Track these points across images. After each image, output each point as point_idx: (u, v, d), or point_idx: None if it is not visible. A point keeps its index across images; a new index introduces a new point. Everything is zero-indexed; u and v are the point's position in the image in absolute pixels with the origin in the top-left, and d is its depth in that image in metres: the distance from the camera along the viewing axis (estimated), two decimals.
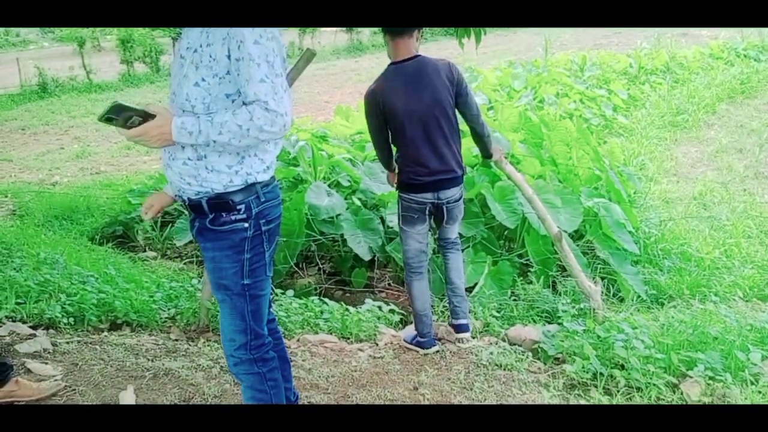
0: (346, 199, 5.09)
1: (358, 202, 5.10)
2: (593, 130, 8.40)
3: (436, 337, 3.54)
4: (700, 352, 3.05)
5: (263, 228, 2.11)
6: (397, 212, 3.43)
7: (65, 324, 3.62)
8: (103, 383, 2.98)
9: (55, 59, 21.18)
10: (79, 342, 3.44)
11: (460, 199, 3.42)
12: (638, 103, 10.73)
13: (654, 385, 2.89)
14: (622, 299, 4.28)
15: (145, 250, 5.78)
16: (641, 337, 3.13)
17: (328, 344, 3.54)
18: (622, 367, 3.03)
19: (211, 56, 1.93)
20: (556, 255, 4.20)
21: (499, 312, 3.98)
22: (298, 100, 13.65)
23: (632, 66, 12.60)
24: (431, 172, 3.23)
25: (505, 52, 19.26)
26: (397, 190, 3.40)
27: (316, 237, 4.90)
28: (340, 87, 16.65)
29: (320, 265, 5.06)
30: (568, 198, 4.67)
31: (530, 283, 4.31)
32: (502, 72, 11.93)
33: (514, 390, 3.01)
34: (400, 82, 3.18)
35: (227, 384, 3.01)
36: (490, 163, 4.14)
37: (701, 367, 2.94)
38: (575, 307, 3.78)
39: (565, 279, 4.29)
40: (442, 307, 3.99)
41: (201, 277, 4.26)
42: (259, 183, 2.08)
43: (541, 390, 2.99)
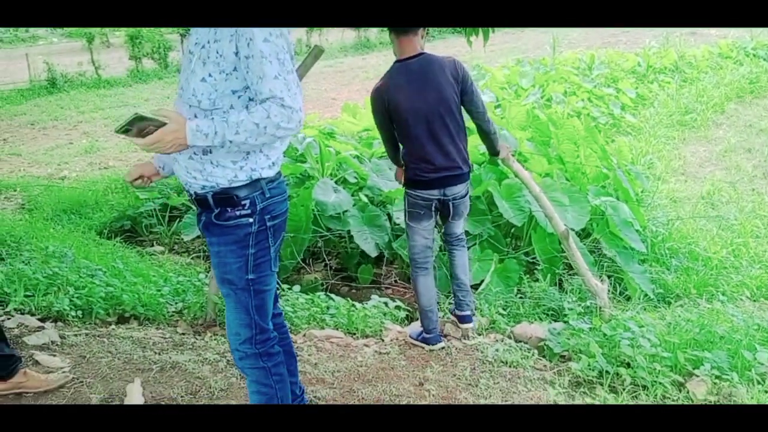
0: (353, 195, 5.10)
1: (365, 199, 5.11)
2: (601, 129, 8.39)
3: (442, 334, 3.55)
4: (707, 351, 3.05)
5: (268, 223, 2.11)
6: (404, 208, 3.45)
7: (73, 317, 3.64)
8: (111, 376, 3.00)
9: (64, 55, 21.25)
10: (86, 335, 3.46)
11: (466, 196, 3.44)
12: (646, 102, 10.69)
13: (660, 384, 2.89)
14: (629, 298, 4.28)
15: (152, 245, 5.81)
16: (648, 335, 3.12)
17: (334, 339, 3.55)
18: (628, 366, 3.03)
19: (218, 52, 1.94)
20: (563, 253, 4.20)
21: (505, 309, 3.99)
22: (306, 97, 13.53)
23: (641, 65, 12.55)
24: (437, 168, 3.25)
25: (513, 50, 19.21)
26: (404, 187, 3.42)
27: (323, 233, 4.91)
28: (348, 84, 16.64)
29: (327, 261, 5.08)
30: (576, 196, 4.67)
31: (536, 280, 4.31)
32: (510, 70, 11.90)
33: (519, 387, 3.01)
34: (405, 79, 3.19)
35: (234, 378, 3.02)
36: (498, 160, 4.14)
37: (708, 366, 2.94)
38: (581, 305, 3.78)
39: (572, 277, 4.29)
40: (448, 304, 3.99)
41: (208, 272, 4.29)
42: (264, 179, 2.08)
43: (547, 387, 2.99)
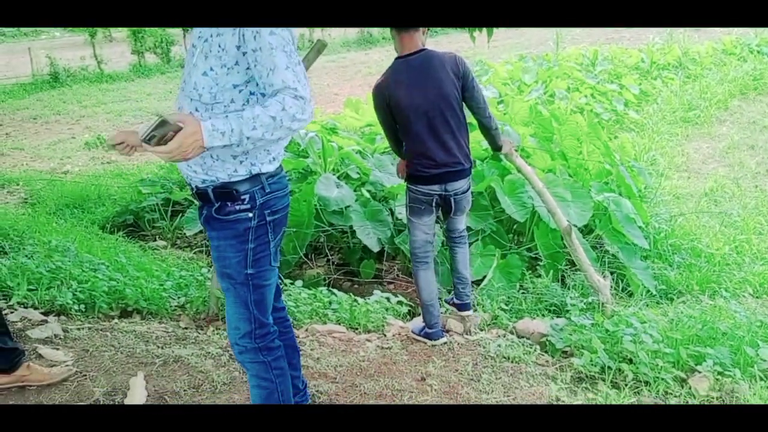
0: (355, 190, 5.10)
1: (367, 194, 5.11)
2: (604, 125, 8.38)
3: (444, 329, 3.55)
4: (709, 348, 3.05)
5: (268, 218, 2.10)
6: (405, 203, 3.47)
7: (76, 311, 3.65)
8: (114, 369, 3.01)
9: (66, 49, 21.26)
10: (89, 328, 3.46)
11: (467, 191, 3.45)
12: (650, 99, 10.67)
13: (662, 380, 2.89)
14: (631, 294, 4.28)
15: (155, 240, 5.81)
16: (650, 331, 3.12)
17: (336, 334, 3.55)
18: (630, 361, 3.03)
19: (220, 46, 1.93)
20: (565, 249, 4.20)
21: (507, 305, 3.99)
22: None
23: (644, 61, 12.53)
24: (438, 164, 3.26)
25: (516, 46, 19.18)
26: (405, 182, 3.43)
27: (326, 228, 4.91)
28: (350, 79, 16.63)
29: (329, 256, 5.08)
30: (578, 192, 4.67)
31: (539, 276, 4.31)
32: (513, 66, 11.89)
33: (521, 382, 3.01)
34: (406, 76, 3.20)
35: (236, 372, 3.03)
36: (500, 156, 4.14)
37: (710, 363, 2.94)
38: (584, 301, 3.78)
39: (574, 273, 4.29)
40: (448, 293, 4.00)
41: (210, 267, 4.29)
42: (265, 174, 2.07)
43: (549, 383, 2.99)
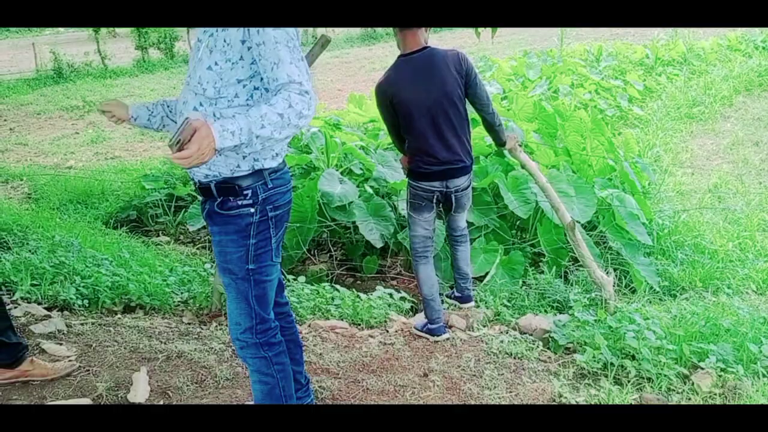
0: (358, 186, 5.09)
1: (371, 190, 5.11)
2: (608, 121, 8.36)
3: (447, 325, 3.55)
4: (712, 344, 3.05)
5: (270, 214, 2.11)
6: (406, 199, 3.50)
7: (80, 306, 3.66)
8: (117, 364, 3.02)
9: (70, 45, 21.27)
10: (93, 324, 3.47)
11: (468, 188, 3.47)
12: (654, 95, 10.63)
13: (665, 376, 2.88)
14: (635, 290, 4.27)
15: (158, 235, 5.82)
16: (653, 327, 3.12)
17: (338, 330, 3.55)
18: (633, 358, 3.02)
19: (225, 40, 1.93)
20: (569, 245, 4.19)
21: (510, 301, 3.99)
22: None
23: (649, 57, 12.48)
24: (440, 161, 3.28)
25: (520, 42, 19.12)
26: (407, 178, 3.44)
27: (329, 224, 4.91)
28: (354, 75, 16.62)
29: (332, 252, 5.08)
30: (582, 188, 4.65)
31: (542, 272, 4.31)
32: (517, 61, 11.84)
33: (524, 378, 3.01)
34: (409, 74, 3.21)
35: (239, 367, 3.03)
36: (504, 151, 4.13)
37: (713, 359, 2.93)
38: (587, 297, 3.78)
39: (577, 269, 4.28)
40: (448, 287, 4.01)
41: (213, 262, 4.29)
42: (267, 169, 2.07)
43: (551, 379, 2.99)
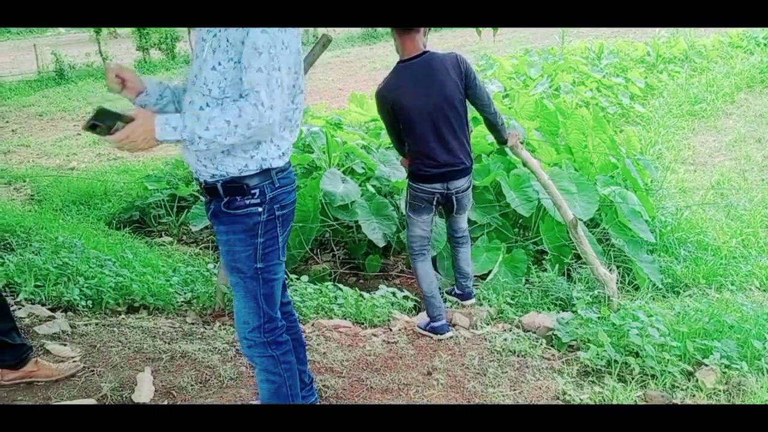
0: (360, 185, 5.09)
1: (373, 189, 5.11)
2: (610, 119, 8.34)
3: (450, 323, 3.55)
4: (716, 341, 3.04)
5: (277, 213, 2.12)
6: (405, 199, 3.53)
7: (83, 306, 3.67)
8: (121, 365, 3.02)
9: (71, 46, 21.31)
10: (97, 324, 3.48)
11: (468, 189, 3.51)
12: (656, 92, 10.62)
13: (669, 373, 2.88)
14: (638, 287, 4.27)
15: (161, 236, 5.83)
16: (656, 324, 3.11)
17: (342, 329, 3.56)
18: (637, 355, 3.02)
19: (227, 40, 1.94)
20: (571, 242, 4.19)
21: (513, 299, 3.99)
22: (313, 87, 13.64)
23: (650, 54, 12.47)
24: (440, 164, 3.31)
25: (521, 40, 19.10)
26: (407, 179, 3.47)
27: (331, 223, 4.91)
28: (355, 74, 16.61)
29: (335, 251, 5.09)
30: (584, 186, 4.65)
31: (544, 270, 4.31)
32: (518, 60, 11.84)
33: (527, 376, 3.01)
34: (409, 80, 3.23)
35: (243, 367, 3.04)
36: (506, 149, 4.14)
37: (717, 356, 2.93)
38: (590, 295, 3.77)
39: (580, 267, 4.28)
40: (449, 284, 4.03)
41: (217, 262, 4.30)
42: (274, 168, 2.09)
43: (555, 376, 2.99)
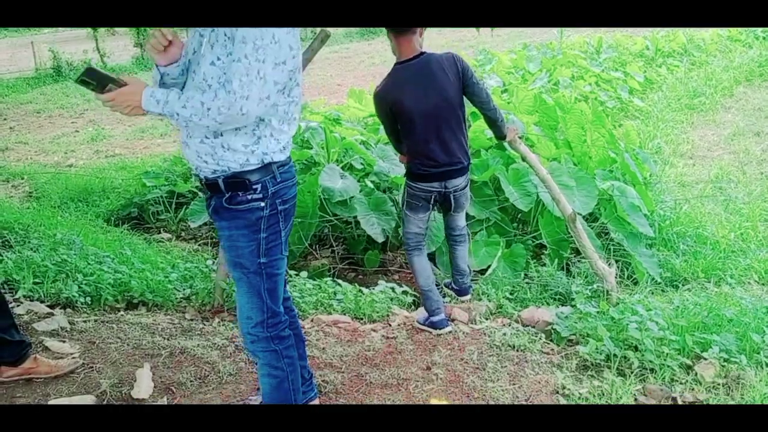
0: (359, 181, 5.09)
1: (371, 185, 5.10)
2: (609, 113, 8.34)
3: (449, 318, 3.56)
4: (715, 334, 3.05)
5: (279, 207, 2.12)
6: (402, 197, 3.53)
7: (82, 303, 3.67)
8: (120, 361, 3.02)
9: (69, 43, 21.24)
10: (96, 321, 3.48)
11: (466, 187, 3.51)
12: (654, 86, 10.61)
13: (668, 367, 2.88)
14: (637, 282, 4.27)
15: (159, 232, 5.82)
16: (655, 318, 3.11)
17: (341, 324, 3.56)
18: (636, 349, 3.02)
19: (225, 35, 1.93)
20: (570, 237, 4.19)
21: (512, 294, 3.99)
22: (311, 83, 13.61)
23: (649, 48, 12.47)
24: (439, 164, 3.31)
25: (520, 35, 19.07)
26: (405, 177, 3.47)
27: (330, 219, 4.91)
28: (353, 70, 16.59)
29: (334, 247, 5.09)
30: (583, 180, 4.65)
31: (543, 265, 4.31)
32: (517, 54, 11.82)
33: (527, 370, 3.01)
34: (408, 81, 3.23)
35: (242, 362, 3.04)
36: (504, 143, 4.13)
37: (716, 349, 2.93)
38: (589, 289, 3.78)
39: (579, 261, 4.28)
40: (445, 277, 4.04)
41: (215, 258, 4.30)
42: (276, 163, 2.08)
43: (554, 371, 2.99)
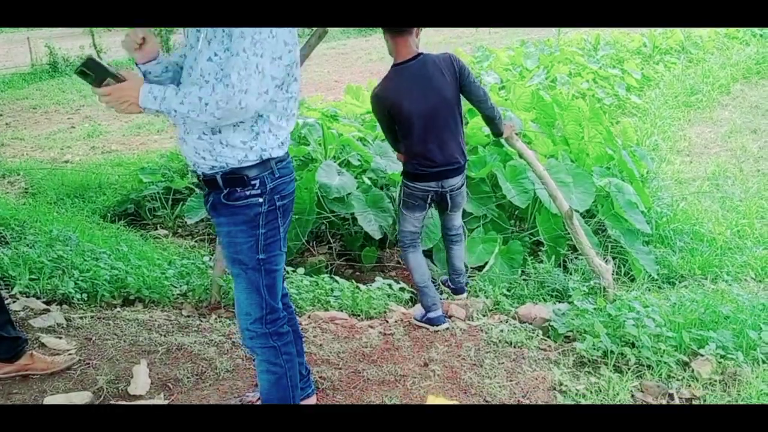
0: (356, 178, 5.08)
1: (369, 181, 5.10)
2: (606, 110, 8.35)
3: (447, 315, 3.56)
4: (712, 331, 3.05)
5: (278, 203, 2.11)
6: (399, 196, 3.54)
7: (78, 299, 3.66)
8: (117, 357, 3.01)
9: (65, 39, 21.18)
10: (92, 317, 3.47)
11: (462, 187, 3.52)
12: (652, 83, 10.63)
13: (665, 363, 2.89)
14: (633, 278, 4.27)
15: (156, 228, 5.81)
16: (652, 315, 3.12)
17: (338, 321, 3.55)
18: (633, 345, 3.03)
19: (223, 30, 1.92)
20: (567, 234, 4.19)
21: (509, 290, 3.99)
22: (309, 79, 13.59)
23: (646, 45, 12.48)
24: (436, 164, 3.32)
25: (518, 32, 19.06)
26: (402, 176, 3.47)
27: (327, 215, 4.90)
28: (351, 66, 16.59)
29: (331, 244, 5.08)
30: (581, 177, 4.65)
31: (541, 261, 4.31)
32: (515, 51, 11.83)
33: (524, 367, 3.01)
34: (405, 83, 3.23)
35: (239, 359, 3.03)
36: (501, 140, 4.13)
37: (712, 346, 2.93)
38: (586, 286, 3.78)
39: (576, 258, 4.29)
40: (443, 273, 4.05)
41: (212, 255, 4.29)
42: (274, 158, 2.07)
43: (551, 367, 2.99)
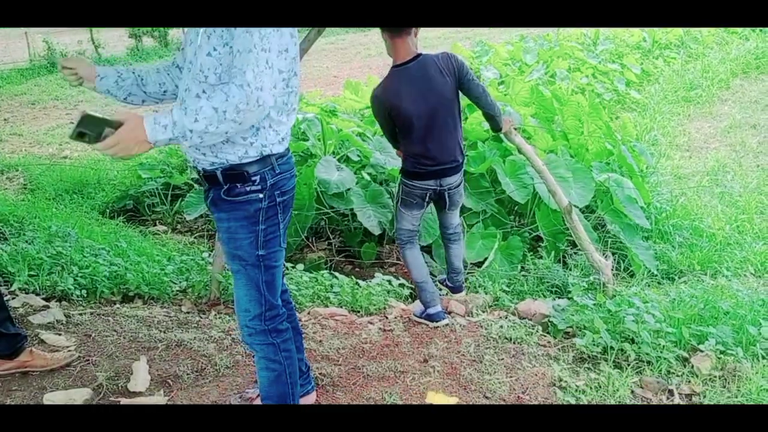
0: (355, 173, 5.07)
1: (368, 177, 5.09)
2: (605, 105, 8.34)
3: (446, 311, 3.55)
4: (711, 327, 3.05)
5: (278, 199, 2.10)
6: (397, 194, 3.54)
7: (78, 296, 3.65)
8: (117, 354, 3.01)
9: (63, 34, 21.10)
10: (91, 313, 3.46)
11: (460, 185, 3.52)
12: (651, 78, 10.61)
13: (664, 359, 2.89)
14: (633, 274, 4.27)
15: (155, 224, 5.81)
16: (652, 311, 3.12)
17: (338, 317, 3.55)
18: (633, 341, 3.03)
19: None
20: (567, 229, 4.19)
21: (509, 286, 3.99)
22: (308, 75, 13.56)
23: (646, 40, 12.45)
24: (436, 163, 3.33)
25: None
26: (400, 174, 3.47)
27: (326, 211, 4.90)
28: (350, 61, 16.55)
29: (330, 240, 5.08)
30: (580, 172, 4.65)
31: (540, 257, 4.31)
32: (514, 46, 11.82)
33: (523, 363, 3.01)
34: (405, 84, 3.23)
35: (239, 355, 3.03)
36: (500, 135, 4.13)
37: (712, 341, 2.94)
38: (585, 281, 3.78)
39: (576, 253, 4.28)
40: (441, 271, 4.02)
41: (212, 251, 4.28)
42: (274, 155, 2.06)
43: (551, 363, 2.99)
